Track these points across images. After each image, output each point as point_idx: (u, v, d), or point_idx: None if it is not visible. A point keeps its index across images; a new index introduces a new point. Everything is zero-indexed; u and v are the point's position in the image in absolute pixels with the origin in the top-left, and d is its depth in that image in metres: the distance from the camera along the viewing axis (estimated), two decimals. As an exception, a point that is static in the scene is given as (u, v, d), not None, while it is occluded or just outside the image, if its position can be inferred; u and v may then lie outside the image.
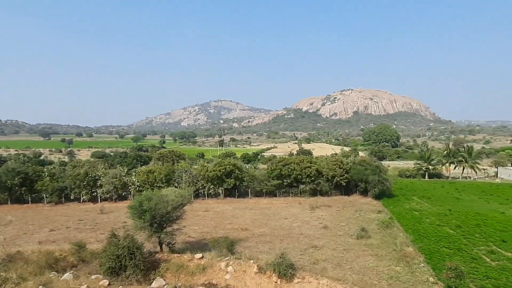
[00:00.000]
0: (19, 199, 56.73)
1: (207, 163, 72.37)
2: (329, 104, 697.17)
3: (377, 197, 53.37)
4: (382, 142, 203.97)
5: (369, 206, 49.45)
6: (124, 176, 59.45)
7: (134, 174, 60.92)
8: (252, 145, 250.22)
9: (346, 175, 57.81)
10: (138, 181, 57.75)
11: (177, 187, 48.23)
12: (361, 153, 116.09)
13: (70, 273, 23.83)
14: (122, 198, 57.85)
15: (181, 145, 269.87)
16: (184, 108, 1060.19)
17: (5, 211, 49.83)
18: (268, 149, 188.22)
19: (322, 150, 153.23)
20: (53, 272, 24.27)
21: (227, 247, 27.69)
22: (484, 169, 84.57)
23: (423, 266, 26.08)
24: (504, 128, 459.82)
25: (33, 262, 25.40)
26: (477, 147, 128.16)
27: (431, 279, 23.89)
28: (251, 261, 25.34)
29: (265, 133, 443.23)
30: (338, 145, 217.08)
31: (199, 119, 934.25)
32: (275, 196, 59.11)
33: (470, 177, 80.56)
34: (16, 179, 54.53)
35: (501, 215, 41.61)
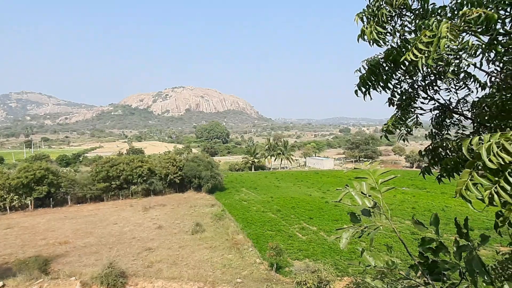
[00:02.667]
0: None
1: (9, 169, 58.28)
2: (160, 101, 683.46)
3: (211, 191, 55.89)
4: (214, 138, 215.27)
5: (203, 201, 51.11)
6: None
7: None
8: (72, 146, 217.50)
9: (179, 172, 57.86)
10: None
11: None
12: (194, 150, 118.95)
13: None
14: None
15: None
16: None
17: None
18: (93, 149, 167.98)
19: (155, 148, 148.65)
20: None
21: (40, 268, 23.07)
22: (296, 160, 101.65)
23: (251, 250, 28.83)
24: (310, 125, 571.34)
25: None
26: (291, 141, 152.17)
27: (257, 260, 26.60)
28: (73, 278, 21.95)
29: (88, 132, 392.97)
30: (171, 142, 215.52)
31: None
32: (102, 200, 53.29)
33: (286, 167, 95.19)
34: None
35: (309, 197, 50.85)
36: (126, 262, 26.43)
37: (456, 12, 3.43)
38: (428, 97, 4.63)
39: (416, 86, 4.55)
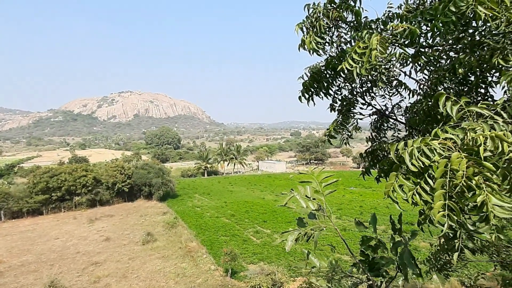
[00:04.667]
0: None
1: None
2: (106, 106, 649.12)
3: (162, 199, 54.17)
4: (165, 144, 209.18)
5: (154, 209, 49.37)
6: None
7: None
8: (5, 155, 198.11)
9: (128, 181, 55.28)
10: None
11: None
12: (144, 157, 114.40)
13: None
14: None
15: None
16: None
17: None
18: (29, 158, 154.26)
19: (101, 156, 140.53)
20: None
21: (-35, 295, 20.55)
22: (249, 164, 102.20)
23: (206, 257, 28.42)
24: (262, 129, 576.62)
25: None
26: (243, 145, 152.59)
27: (212, 267, 26.27)
28: (7, 302, 19.87)
29: (24, 140, 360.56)
30: (119, 149, 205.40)
31: None
32: (42, 214, 49.11)
33: (240, 172, 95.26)
34: None
35: (262, 201, 51.34)
36: (70, 279, 24.70)
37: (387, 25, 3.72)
38: (366, 103, 4.94)
39: (355, 93, 4.84)
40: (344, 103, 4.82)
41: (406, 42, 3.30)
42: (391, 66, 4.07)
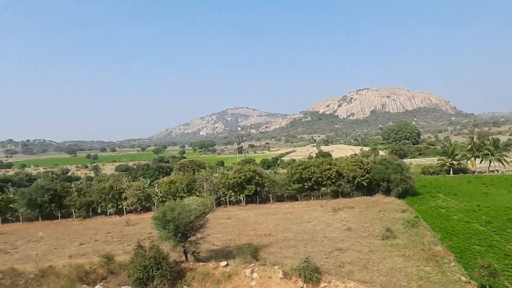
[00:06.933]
0: (49, 215, 58.55)
1: (227, 170, 72.87)
2: (345, 105, 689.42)
3: (401, 196, 52.23)
4: (402, 139, 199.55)
5: (392, 205, 48.45)
6: (147, 187, 60.63)
7: (156, 185, 62.02)
8: (271, 150, 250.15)
9: (367, 175, 56.93)
10: (160, 192, 58.74)
11: (198, 196, 48.55)
12: (381, 152, 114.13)
13: (100, 285, 24.54)
14: (146, 209, 58.88)
15: (201, 154, 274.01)
16: (202, 117, 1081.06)
17: (37, 228, 51.48)
18: (287, 153, 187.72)
19: (341, 151, 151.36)
20: (84, 285, 25.01)
21: (251, 254, 27.59)
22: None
23: (454, 265, 25.28)
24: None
25: (64, 276, 26.29)
26: (503, 139, 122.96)
27: (463, 278, 23.07)
28: (276, 266, 25.26)
29: (283, 138, 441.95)
30: (357, 145, 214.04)
31: (217, 127, 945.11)
32: (297, 200, 58.80)
33: (497, 171, 77.47)
34: (46, 196, 56.42)
35: (533, 208, 39.86)
36: (319, 259, 28.06)
37: None
38: None
39: None
40: None
41: None
42: None
